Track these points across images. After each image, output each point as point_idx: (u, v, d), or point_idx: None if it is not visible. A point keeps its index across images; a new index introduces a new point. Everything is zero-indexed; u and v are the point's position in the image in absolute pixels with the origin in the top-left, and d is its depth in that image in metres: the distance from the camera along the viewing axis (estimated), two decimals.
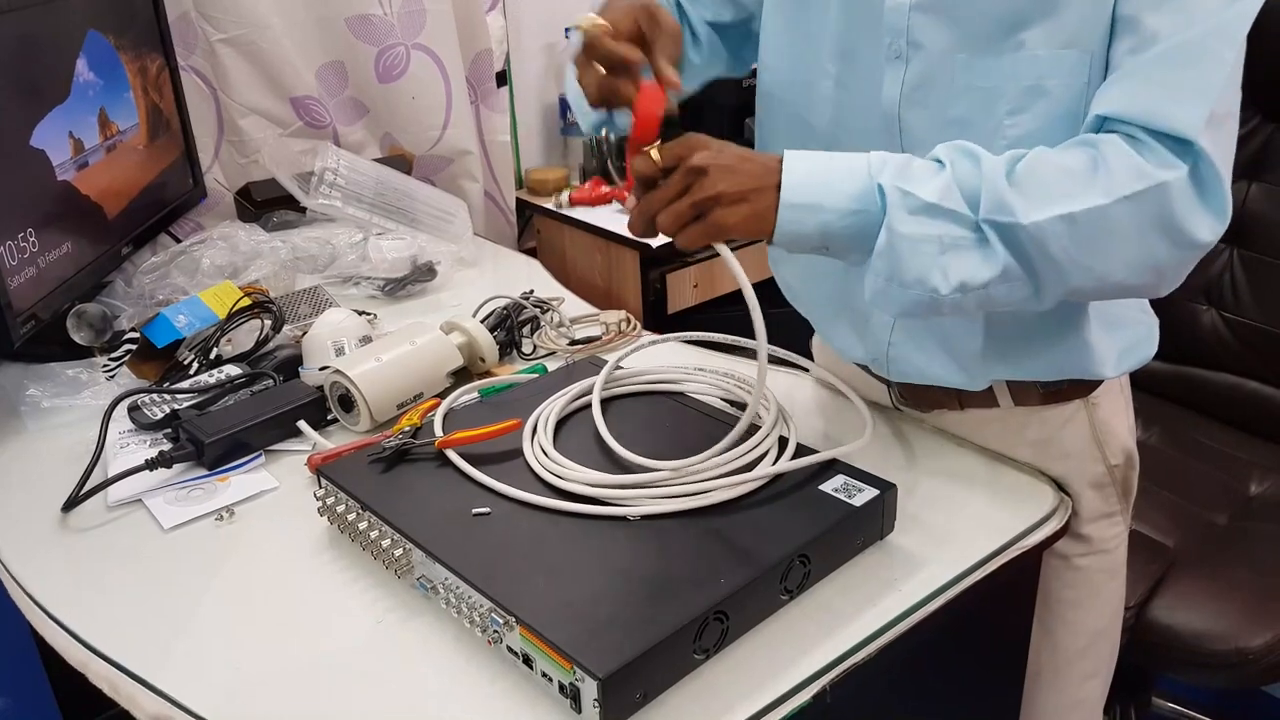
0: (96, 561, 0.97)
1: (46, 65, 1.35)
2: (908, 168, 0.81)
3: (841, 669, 0.80)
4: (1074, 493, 1.03)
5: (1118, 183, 0.78)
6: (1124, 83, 0.81)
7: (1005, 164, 0.80)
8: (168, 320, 1.31)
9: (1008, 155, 0.81)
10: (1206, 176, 0.79)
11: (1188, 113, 0.78)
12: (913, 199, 0.79)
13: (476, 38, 2.02)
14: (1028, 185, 0.79)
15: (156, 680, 0.81)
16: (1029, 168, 0.80)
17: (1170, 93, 0.79)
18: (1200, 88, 0.79)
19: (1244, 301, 1.70)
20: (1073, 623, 1.10)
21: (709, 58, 1.11)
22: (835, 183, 0.81)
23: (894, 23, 0.90)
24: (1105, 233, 0.79)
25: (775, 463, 0.92)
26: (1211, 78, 0.79)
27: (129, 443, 1.14)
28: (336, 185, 1.70)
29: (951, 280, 0.80)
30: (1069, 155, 0.80)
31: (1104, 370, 0.99)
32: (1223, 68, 0.79)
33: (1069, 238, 0.79)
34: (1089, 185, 0.78)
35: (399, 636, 0.84)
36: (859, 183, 0.81)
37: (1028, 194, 0.79)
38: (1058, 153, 0.81)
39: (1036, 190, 0.79)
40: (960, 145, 0.82)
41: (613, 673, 0.71)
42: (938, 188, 0.80)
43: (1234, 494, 1.57)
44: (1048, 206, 0.78)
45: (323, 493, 0.96)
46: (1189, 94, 0.79)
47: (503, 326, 1.34)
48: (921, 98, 0.91)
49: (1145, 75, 0.80)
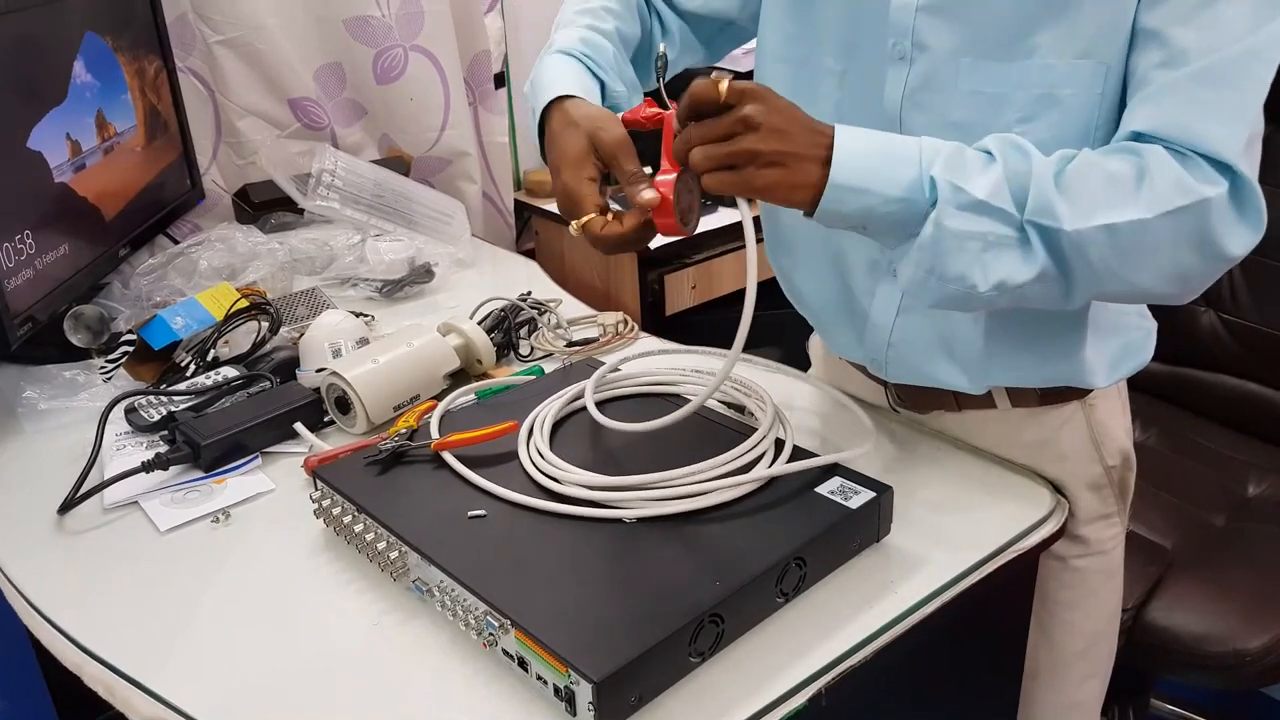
0: (93, 564, 0.97)
1: (44, 67, 1.35)
2: (960, 159, 0.80)
3: (838, 672, 0.80)
4: (1071, 494, 1.03)
5: (1161, 196, 0.78)
6: (1160, 101, 0.81)
7: (1055, 165, 0.80)
8: (165, 322, 1.30)
9: (1058, 155, 0.81)
10: (1245, 194, 0.79)
11: (1228, 135, 0.79)
12: (964, 195, 0.79)
13: (475, 39, 2.02)
14: (1075, 190, 0.79)
15: (152, 683, 0.81)
16: (1077, 172, 0.80)
17: (1209, 114, 0.79)
18: (1239, 109, 0.79)
19: (1243, 303, 1.70)
20: (1070, 624, 1.10)
21: (681, 49, 1.11)
22: (887, 168, 0.80)
23: (899, 22, 0.90)
24: (1144, 244, 0.79)
25: (771, 465, 0.92)
26: (1249, 99, 0.79)
27: (126, 445, 1.14)
28: (334, 187, 1.70)
29: (991, 278, 0.80)
30: (1116, 162, 0.80)
31: (1096, 380, 0.99)
32: (1260, 89, 0.80)
33: (1109, 246, 0.79)
34: (1133, 196, 0.78)
35: (394, 639, 0.84)
36: (910, 170, 0.80)
37: (1074, 200, 0.79)
38: (1105, 158, 0.80)
39: (1083, 196, 0.79)
40: (1011, 139, 0.81)
41: (608, 676, 0.71)
42: (989, 184, 0.79)
43: (1232, 495, 1.57)
44: (1092, 215, 0.78)
45: (319, 495, 0.96)
46: (1228, 116, 0.79)
47: (500, 328, 1.34)
48: (923, 100, 0.91)
49: (1182, 94, 0.80)
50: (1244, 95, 0.79)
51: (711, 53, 1.14)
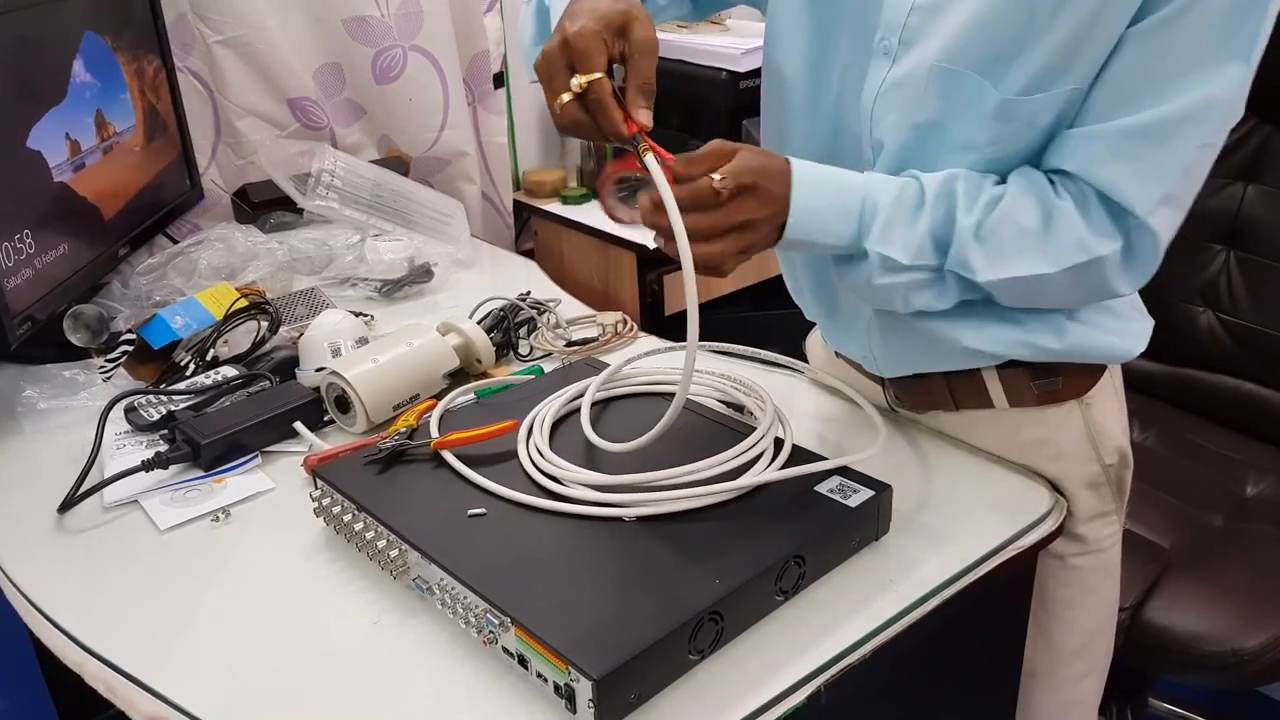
0: (93, 562, 0.97)
1: (43, 67, 1.35)
2: (895, 220, 0.88)
3: (837, 670, 0.80)
4: (1069, 493, 1.03)
5: (1063, 253, 0.86)
6: (1092, 145, 0.85)
7: (975, 220, 0.87)
8: (164, 321, 1.31)
9: (984, 203, 0.87)
10: (1141, 249, 0.86)
11: (1145, 192, 0.84)
12: (891, 262, 0.88)
13: (474, 39, 2.02)
14: (990, 245, 0.87)
15: (153, 681, 0.81)
16: (994, 229, 0.87)
17: (1132, 170, 0.84)
18: (1164, 170, 0.84)
19: (1241, 303, 1.70)
20: (1068, 622, 1.10)
21: (670, 2, 1.10)
22: (832, 225, 0.88)
23: (891, 18, 0.90)
24: (1044, 289, 0.89)
25: (771, 464, 0.93)
26: (1177, 161, 0.83)
27: (125, 444, 1.14)
28: (334, 187, 1.70)
29: (913, 307, 0.92)
30: (1027, 212, 0.87)
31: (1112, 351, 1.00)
32: (1186, 150, 0.83)
33: (1014, 290, 0.89)
34: (1039, 251, 0.87)
35: (395, 637, 0.84)
36: (850, 228, 0.88)
37: (988, 254, 0.87)
38: (1018, 206, 0.87)
39: (995, 252, 0.87)
40: (944, 186, 0.87)
41: (608, 673, 0.71)
42: (914, 247, 0.88)
43: (1230, 495, 1.57)
44: (1002, 268, 0.87)
45: (319, 494, 0.96)
46: (1151, 175, 0.84)
47: (499, 328, 1.34)
48: (894, 98, 0.91)
49: (1114, 145, 0.84)
50: (1170, 155, 0.83)
51: (697, 10, 1.14)
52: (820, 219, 0.87)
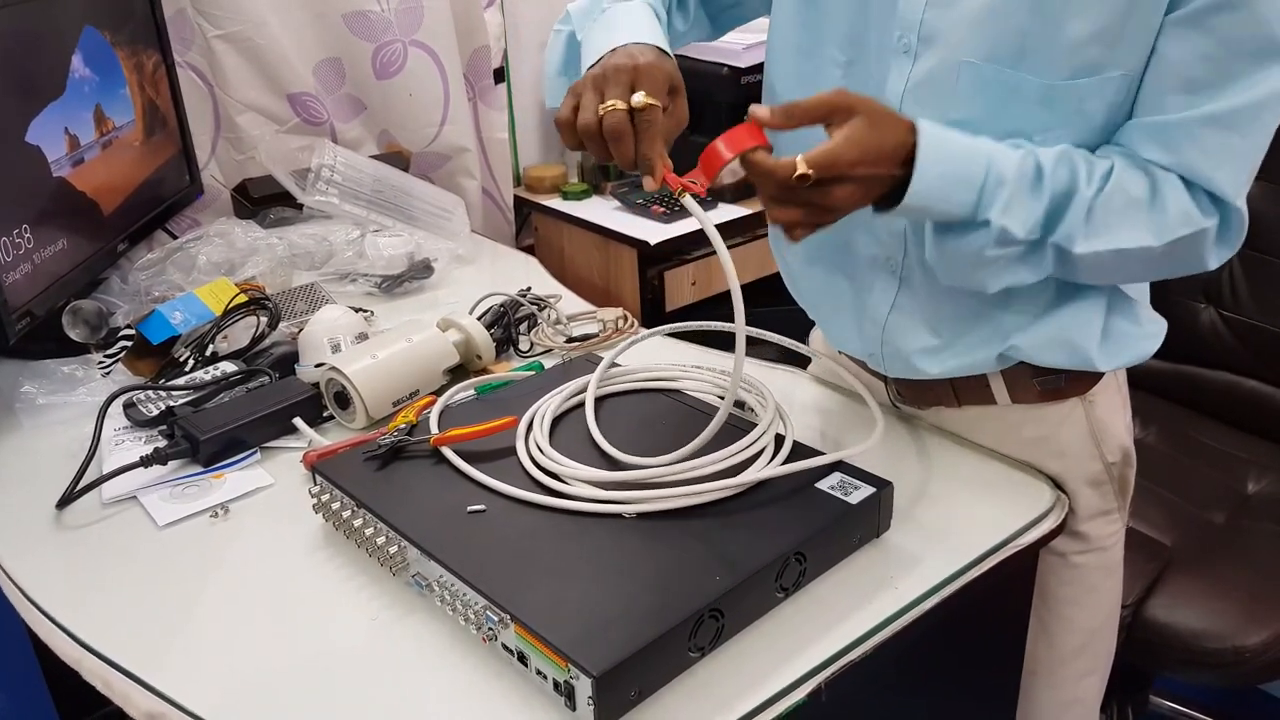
0: (91, 558, 0.97)
1: (42, 61, 1.34)
2: (1018, 192, 0.84)
3: (837, 666, 0.80)
4: (1071, 490, 1.03)
5: (1169, 226, 0.85)
6: (1172, 139, 0.84)
7: (1095, 191, 0.85)
8: (163, 317, 1.30)
9: (1101, 174, 0.85)
10: (1234, 225, 0.87)
11: (1232, 178, 0.85)
12: (1007, 235, 0.85)
13: (474, 34, 2.01)
14: (1097, 220, 0.85)
15: (150, 677, 0.81)
16: (1106, 200, 0.85)
17: (1217, 160, 0.84)
18: (1245, 155, 0.85)
19: (1243, 300, 1.70)
20: (1070, 620, 1.10)
21: (692, 24, 1.10)
22: (952, 193, 0.84)
23: (907, 16, 0.89)
24: (1144, 262, 0.88)
25: (771, 461, 0.92)
26: (1258, 146, 0.84)
27: (124, 440, 1.14)
28: (334, 182, 1.70)
29: (1001, 283, 0.89)
30: (1135, 184, 0.85)
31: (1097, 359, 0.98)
32: (1266, 136, 0.84)
33: (1112, 264, 0.88)
34: (1145, 223, 0.85)
35: (394, 634, 0.84)
36: (970, 198, 0.84)
37: (1094, 226, 0.85)
38: (1127, 177, 0.85)
39: (1102, 223, 0.85)
40: (1063, 157, 0.85)
41: (607, 670, 0.71)
42: (1031, 221, 0.85)
43: (1232, 493, 1.57)
44: (1106, 239, 0.86)
45: (318, 490, 0.96)
46: (1236, 161, 0.84)
47: (499, 324, 1.34)
48: (924, 96, 0.90)
49: (1193, 134, 0.84)
50: (1250, 142, 0.84)
51: (716, 29, 1.14)
52: (942, 190, 0.84)
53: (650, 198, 2.04)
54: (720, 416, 0.91)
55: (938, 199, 0.84)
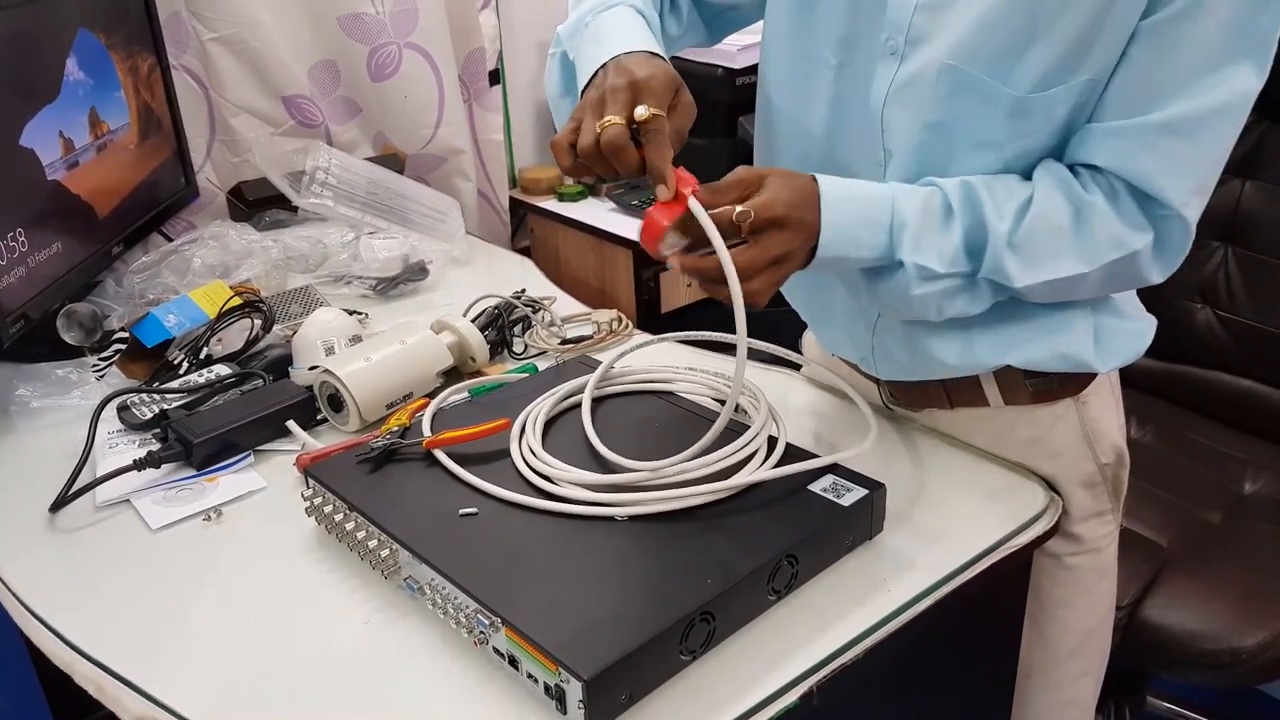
0: (84, 562, 0.97)
1: (36, 64, 1.34)
2: (925, 230, 0.87)
3: (830, 670, 0.80)
4: (1064, 492, 1.03)
5: (1098, 251, 0.86)
6: (1124, 140, 0.84)
7: (1009, 228, 0.86)
8: (158, 320, 1.30)
9: (1015, 209, 0.86)
10: (1173, 239, 0.87)
11: (1179, 187, 0.84)
12: (927, 271, 0.87)
13: (469, 36, 2.01)
14: (1024, 250, 0.87)
15: (142, 681, 0.81)
16: (1028, 233, 0.86)
17: (1167, 164, 0.84)
18: (1197, 163, 0.84)
19: (1238, 299, 1.70)
20: (1064, 621, 1.10)
21: (686, 29, 1.10)
22: (863, 238, 0.87)
23: (896, 18, 0.89)
24: (1079, 287, 0.89)
25: (764, 463, 0.92)
26: (1209, 153, 0.84)
27: (118, 443, 1.14)
28: (328, 184, 1.69)
29: (945, 315, 0.91)
30: (1056, 210, 0.86)
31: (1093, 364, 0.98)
32: (1220, 143, 0.84)
33: (1048, 291, 0.89)
34: (1073, 250, 0.87)
35: (386, 637, 0.84)
36: (881, 240, 0.87)
37: (1023, 259, 0.87)
38: (1049, 206, 0.86)
39: (1030, 256, 0.87)
40: (967, 193, 0.87)
41: (598, 674, 0.71)
42: (949, 255, 0.87)
43: (1227, 492, 1.57)
44: (1037, 272, 0.87)
45: (310, 493, 0.96)
46: (1186, 169, 0.84)
47: (493, 326, 1.34)
48: (906, 97, 0.90)
49: (1148, 142, 0.83)
50: (1203, 149, 0.84)
51: (711, 35, 1.14)
52: (850, 234, 0.86)
53: (647, 200, 2.04)
54: (720, 423, 0.91)
55: (849, 244, 0.87)
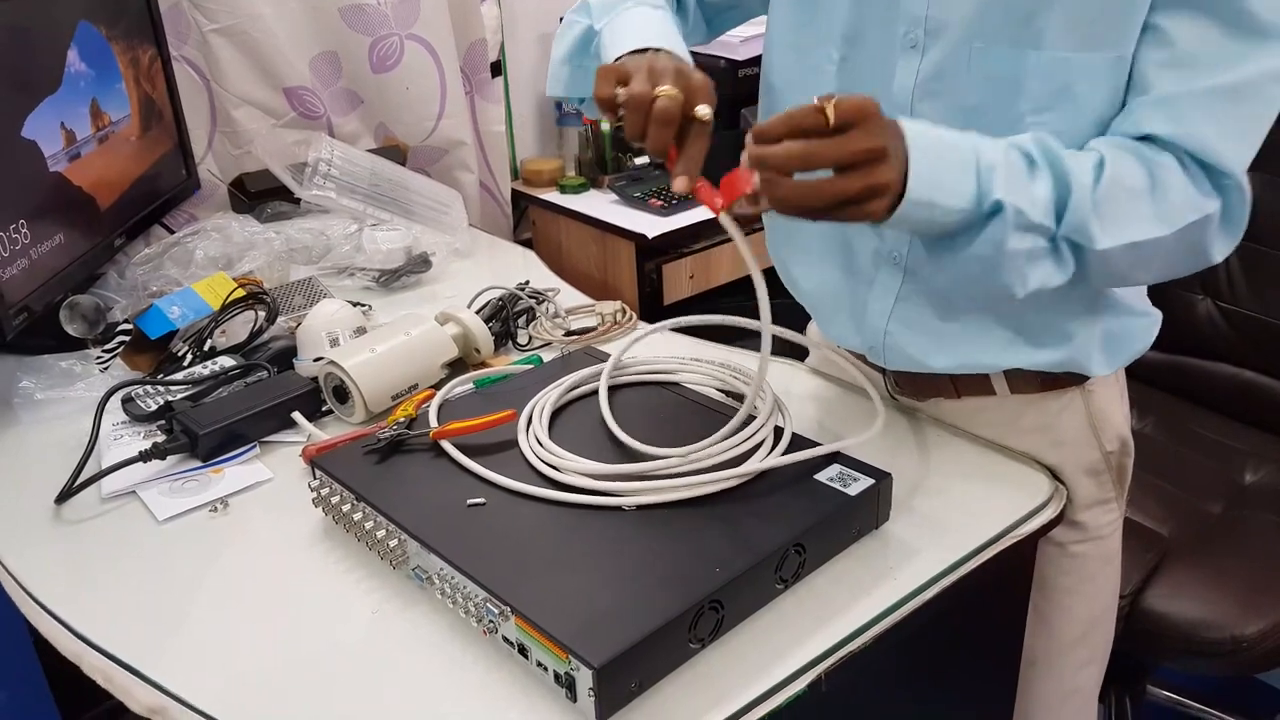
0: (91, 553, 0.97)
1: (38, 56, 1.34)
2: (1017, 173, 0.81)
3: (837, 657, 0.80)
4: (1069, 480, 1.03)
5: (1177, 213, 0.83)
6: (1176, 108, 0.82)
7: (1091, 181, 0.81)
8: (161, 312, 1.30)
9: (1091, 166, 0.82)
10: (1237, 208, 0.85)
11: (1240, 152, 0.83)
12: (1024, 217, 0.80)
13: (471, 27, 2.01)
14: (1106, 209, 0.82)
15: (151, 671, 0.81)
16: (1108, 191, 0.81)
17: (1226, 131, 0.82)
18: (1254, 128, 0.82)
19: (1240, 291, 1.70)
20: (1068, 610, 1.10)
21: (691, 28, 1.10)
22: (951, 179, 0.79)
23: (911, 11, 0.89)
24: (1156, 255, 0.85)
25: (771, 452, 0.92)
26: (1265, 119, 0.83)
27: (123, 435, 1.14)
28: (331, 176, 1.69)
29: (1030, 285, 0.84)
30: (1132, 173, 0.82)
31: (1095, 367, 0.99)
32: (1273, 112, 0.83)
33: (1129, 259, 0.84)
34: (1152, 212, 0.83)
35: (394, 627, 0.84)
36: (969, 183, 0.80)
37: (1104, 219, 0.82)
38: (1123, 167, 0.82)
39: (1111, 216, 0.82)
40: (1048, 145, 0.82)
41: (608, 662, 0.71)
42: (1043, 203, 0.81)
43: (1229, 483, 1.57)
44: (1120, 234, 0.82)
45: (317, 484, 0.96)
46: (1243, 134, 0.82)
47: (498, 317, 1.34)
48: (936, 88, 0.90)
49: (1200, 106, 0.82)
50: (1259, 114, 0.82)
51: (711, 31, 1.14)
52: (940, 173, 0.78)
53: (649, 191, 2.04)
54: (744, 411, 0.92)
55: (939, 188, 0.78)
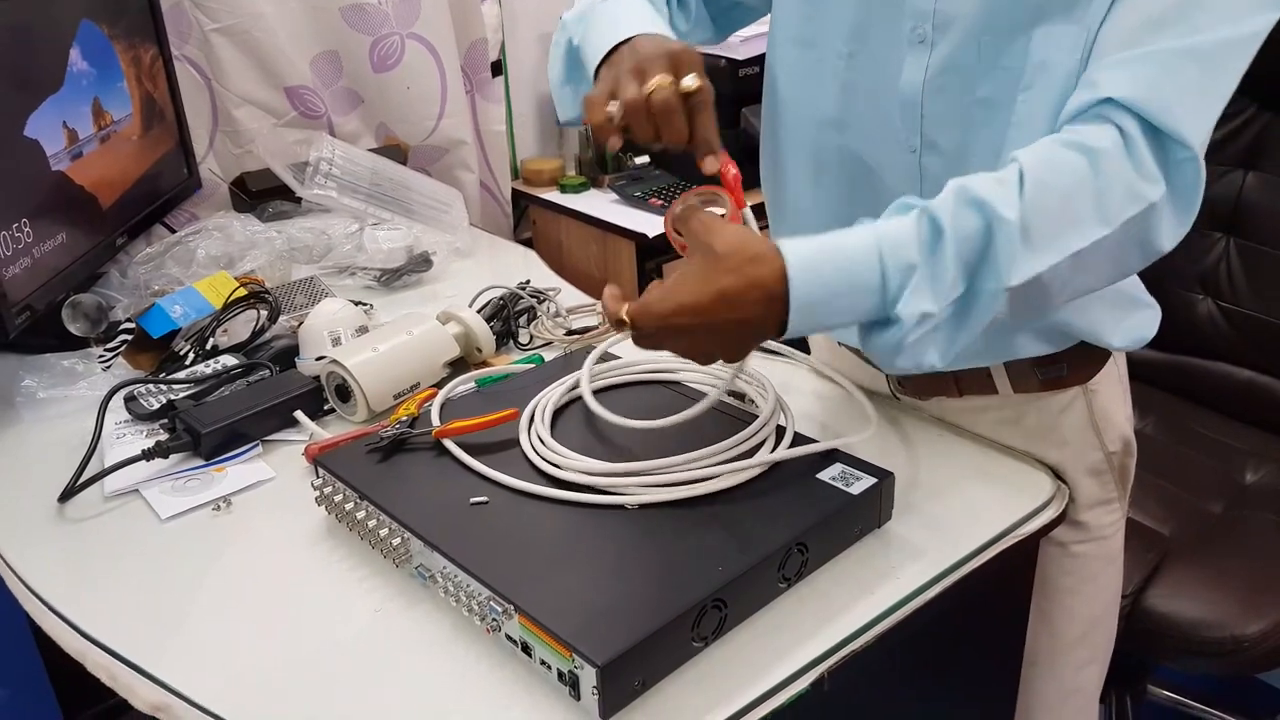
0: (94, 551, 0.97)
1: (40, 55, 1.34)
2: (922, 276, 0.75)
3: (839, 656, 0.80)
4: (1071, 480, 1.03)
5: (1115, 207, 0.76)
6: (1139, 66, 0.77)
7: (1015, 215, 0.74)
8: (163, 311, 1.30)
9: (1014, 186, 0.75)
10: (1188, 191, 0.77)
11: (1201, 123, 0.77)
12: (925, 318, 0.75)
13: (471, 27, 2.01)
14: (1035, 230, 0.75)
15: (155, 669, 0.81)
16: (1035, 204, 0.75)
17: (1189, 96, 0.76)
18: (1216, 97, 0.77)
19: (1240, 291, 1.70)
20: (1070, 610, 1.10)
21: (694, 25, 1.10)
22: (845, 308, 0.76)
23: (919, 6, 0.89)
24: (1100, 258, 0.77)
25: (773, 451, 0.92)
26: (1224, 89, 0.78)
27: (125, 433, 1.14)
28: (332, 175, 1.69)
29: (945, 359, 0.78)
30: (1066, 167, 0.76)
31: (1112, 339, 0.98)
32: (1234, 81, 0.78)
33: (1071, 271, 0.77)
34: (1089, 212, 0.76)
35: (397, 625, 0.84)
36: (870, 303, 0.76)
37: (1034, 241, 0.75)
38: (1051, 169, 0.76)
39: (1042, 233, 0.75)
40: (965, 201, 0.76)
41: (612, 660, 0.71)
42: (946, 286, 0.75)
43: (1229, 483, 1.58)
44: (1058, 247, 0.75)
45: (320, 482, 0.96)
46: (1206, 102, 0.77)
47: (499, 316, 1.34)
48: (946, 82, 0.90)
49: (1169, 67, 0.76)
50: (1221, 84, 0.77)
51: (719, 31, 1.14)
52: (828, 306, 0.76)
53: (649, 190, 2.04)
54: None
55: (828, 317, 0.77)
